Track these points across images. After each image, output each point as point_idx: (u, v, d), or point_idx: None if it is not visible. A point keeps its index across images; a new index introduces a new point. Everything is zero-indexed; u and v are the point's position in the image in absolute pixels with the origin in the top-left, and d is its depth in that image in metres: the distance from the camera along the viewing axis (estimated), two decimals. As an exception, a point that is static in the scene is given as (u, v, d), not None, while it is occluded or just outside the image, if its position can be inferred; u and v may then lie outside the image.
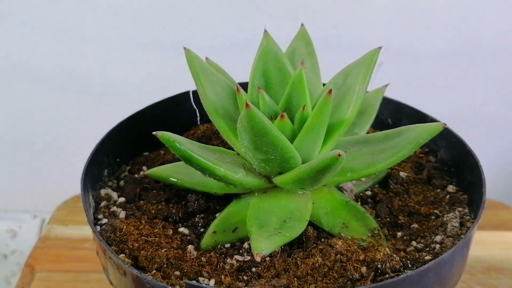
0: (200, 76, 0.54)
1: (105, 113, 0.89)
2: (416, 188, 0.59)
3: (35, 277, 0.76)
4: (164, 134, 0.48)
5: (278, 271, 0.48)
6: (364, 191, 0.59)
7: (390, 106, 0.66)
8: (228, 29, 0.92)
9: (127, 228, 0.52)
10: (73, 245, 0.81)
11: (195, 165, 0.49)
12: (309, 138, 0.50)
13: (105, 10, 0.91)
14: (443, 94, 0.97)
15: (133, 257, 0.50)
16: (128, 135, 0.63)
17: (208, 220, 0.55)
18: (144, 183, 0.59)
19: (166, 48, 0.93)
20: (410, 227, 0.54)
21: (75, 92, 0.99)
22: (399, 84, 0.66)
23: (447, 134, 0.60)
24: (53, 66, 0.96)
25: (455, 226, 0.53)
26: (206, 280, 0.48)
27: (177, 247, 0.51)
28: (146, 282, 0.45)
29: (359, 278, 0.47)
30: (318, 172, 0.47)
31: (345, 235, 0.51)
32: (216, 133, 0.66)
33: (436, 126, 0.51)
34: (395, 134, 0.54)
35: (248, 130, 0.47)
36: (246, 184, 0.52)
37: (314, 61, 0.59)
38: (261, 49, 0.55)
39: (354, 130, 0.59)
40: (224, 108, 0.54)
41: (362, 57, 0.54)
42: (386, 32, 0.91)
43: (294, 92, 0.51)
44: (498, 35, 0.91)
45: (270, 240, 0.47)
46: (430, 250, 0.51)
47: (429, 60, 0.94)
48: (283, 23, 0.71)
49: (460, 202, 0.57)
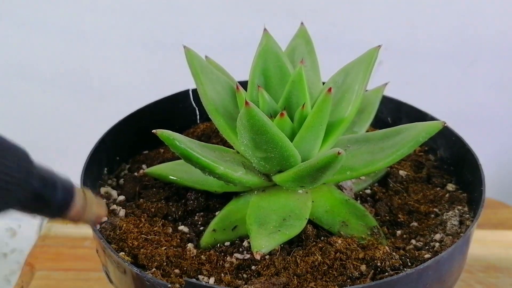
0: (200, 74, 0.54)
1: (105, 111, 0.89)
2: (415, 187, 0.59)
3: (34, 275, 0.76)
4: (164, 132, 0.48)
5: (278, 269, 0.48)
6: (364, 190, 0.59)
7: (390, 105, 0.66)
8: (228, 27, 0.92)
9: (126, 226, 0.52)
10: (72, 243, 0.81)
11: (195, 163, 0.49)
12: (309, 137, 0.50)
13: (105, 9, 0.91)
14: (443, 92, 0.97)
15: (133, 255, 0.50)
16: (127, 133, 0.63)
17: (207, 218, 0.55)
18: (143, 182, 0.60)
19: (166, 47, 0.93)
20: (410, 226, 0.54)
21: (75, 91, 0.99)
22: (398, 83, 0.66)
23: (447, 133, 0.60)
24: (53, 65, 0.96)
25: (454, 225, 0.53)
26: (205, 278, 0.48)
27: (177, 245, 0.51)
28: (146, 280, 0.45)
29: (358, 276, 0.47)
30: (318, 170, 0.47)
31: (344, 233, 0.51)
32: (215, 132, 0.66)
33: (435, 124, 0.51)
34: (394, 132, 0.54)
35: (248, 129, 0.47)
36: (246, 182, 0.52)
37: (313, 59, 0.59)
38: (260, 48, 0.55)
39: (353, 128, 0.59)
40: (223, 107, 0.54)
41: (361, 56, 0.54)
42: (386, 30, 0.91)
43: (294, 90, 0.51)
44: (498, 34, 0.91)
45: (269, 238, 0.47)
46: (429, 249, 0.51)
47: (428, 59, 0.94)
48: (283, 22, 0.71)
49: (459, 200, 0.57)
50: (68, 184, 0.38)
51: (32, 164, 0.35)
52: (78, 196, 0.39)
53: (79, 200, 0.39)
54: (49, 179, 0.36)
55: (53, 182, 0.37)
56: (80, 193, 0.40)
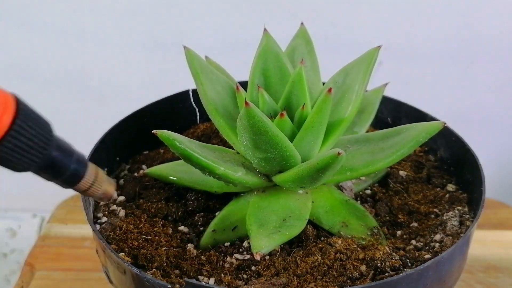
0: (200, 74, 0.54)
1: (105, 111, 0.89)
2: (415, 187, 0.59)
3: (34, 275, 0.76)
4: (164, 133, 0.48)
5: (278, 270, 0.48)
6: (364, 190, 0.59)
7: (390, 105, 0.66)
8: (228, 28, 0.92)
9: (126, 227, 0.52)
10: (72, 243, 0.81)
11: (195, 163, 0.49)
12: (309, 137, 0.50)
13: (105, 9, 0.91)
14: (443, 93, 0.97)
15: (133, 256, 0.50)
16: (127, 133, 0.63)
17: (207, 218, 0.55)
18: (143, 182, 0.60)
19: (166, 47, 0.93)
20: (410, 226, 0.54)
21: (75, 91, 0.99)
22: (398, 83, 0.66)
23: (447, 133, 0.60)
24: (53, 65, 0.96)
25: (454, 225, 0.53)
26: (206, 278, 0.48)
27: (177, 246, 0.51)
28: (146, 281, 0.45)
29: (358, 277, 0.47)
30: (318, 170, 0.47)
31: (344, 233, 0.51)
32: (215, 132, 0.66)
33: (435, 125, 0.51)
34: (394, 133, 0.54)
35: (248, 129, 0.47)
36: (246, 183, 0.52)
37: (313, 59, 0.59)
38: (260, 48, 0.55)
39: (353, 129, 0.59)
40: (223, 107, 0.54)
41: (361, 56, 0.54)
42: (386, 31, 0.91)
43: (294, 90, 0.51)
44: (498, 34, 0.91)
45: (269, 239, 0.47)
46: (429, 249, 0.51)
47: (428, 59, 0.94)
48: (283, 22, 0.71)
49: (459, 201, 0.57)
50: (83, 158, 0.43)
51: (52, 133, 0.40)
52: (90, 170, 0.43)
53: (90, 174, 0.43)
54: (66, 150, 0.41)
55: (69, 153, 0.41)
56: (93, 168, 0.44)
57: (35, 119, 0.39)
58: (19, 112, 0.38)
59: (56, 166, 0.41)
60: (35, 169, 0.40)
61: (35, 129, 0.38)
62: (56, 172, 0.41)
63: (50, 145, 0.39)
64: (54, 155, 0.40)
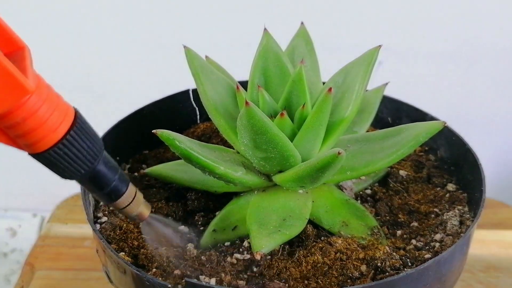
0: (200, 74, 0.54)
1: (105, 111, 0.89)
2: (415, 187, 0.59)
3: (35, 275, 0.76)
4: (164, 132, 0.48)
5: (278, 269, 0.48)
6: (364, 190, 0.59)
7: (390, 105, 0.66)
8: (228, 27, 0.92)
9: (127, 227, 0.52)
10: (73, 243, 0.81)
11: (195, 163, 0.49)
12: (309, 137, 0.50)
13: (105, 9, 0.91)
14: (443, 92, 0.97)
15: (133, 256, 0.50)
16: (127, 133, 0.63)
17: (208, 218, 0.55)
18: (144, 182, 0.60)
19: (166, 46, 0.93)
20: (410, 226, 0.54)
21: (75, 91, 0.99)
22: (399, 83, 0.66)
23: (447, 133, 0.60)
24: (53, 65, 0.96)
25: (454, 225, 0.53)
26: (206, 278, 0.48)
27: (177, 246, 0.51)
28: (146, 281, 0.45)
29: (359, 277, 0.47)
30: (318, 170, 0.47)
31: (345, 233, 0.51)
32: (216, 132, 0.66)
33: (435, 124, 0.51)
34: (394, 132, 0.54)
35: (248, 128, 0.47)
36: (246, 183, 0.52)
37: (314, 59, 0.59)
38: (261, 48, 0.55)
39: (354, 128, 0.59)
40: (224, 107, 0.54)
41: (362, 56, 0.54)
42: (386, 30, 0.91)
43: (294, 90, 0.51)
44: (498, 35, 0.91)
45: (270, 238, 0.47)
46: (430, 249, 0.51)
47: (429, 59, 0.94)
48: (283, 22, 0.71)
49: (459, 200, 0.57)
50: (125, 178, 0.45)
51: (102, 151, 0.43)
52: (130, 190, 0.46)
53: (130, 194, 0.46)
54: (112, 168, 0.44)
55: (114, 171, 0.44)
56: (133, 189, 0.46)
57: (89, 134, 0.42)
58: (76, 124, 0.41)
59: (100, 180, 0.43)
60: (80, 179, 0.43)
61: (87, 143, 0.41)
62: (99, 186, 0.44)
63: (97, 160, 0.42)
64: (99, 169, 0.43)
